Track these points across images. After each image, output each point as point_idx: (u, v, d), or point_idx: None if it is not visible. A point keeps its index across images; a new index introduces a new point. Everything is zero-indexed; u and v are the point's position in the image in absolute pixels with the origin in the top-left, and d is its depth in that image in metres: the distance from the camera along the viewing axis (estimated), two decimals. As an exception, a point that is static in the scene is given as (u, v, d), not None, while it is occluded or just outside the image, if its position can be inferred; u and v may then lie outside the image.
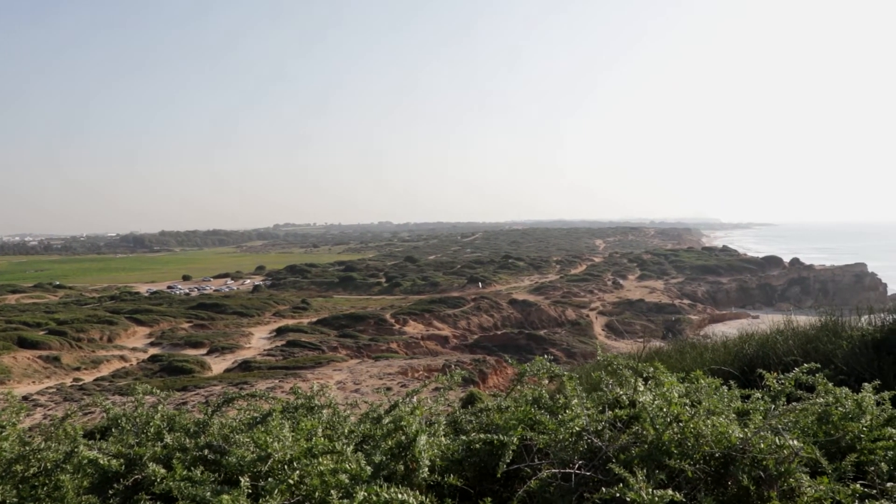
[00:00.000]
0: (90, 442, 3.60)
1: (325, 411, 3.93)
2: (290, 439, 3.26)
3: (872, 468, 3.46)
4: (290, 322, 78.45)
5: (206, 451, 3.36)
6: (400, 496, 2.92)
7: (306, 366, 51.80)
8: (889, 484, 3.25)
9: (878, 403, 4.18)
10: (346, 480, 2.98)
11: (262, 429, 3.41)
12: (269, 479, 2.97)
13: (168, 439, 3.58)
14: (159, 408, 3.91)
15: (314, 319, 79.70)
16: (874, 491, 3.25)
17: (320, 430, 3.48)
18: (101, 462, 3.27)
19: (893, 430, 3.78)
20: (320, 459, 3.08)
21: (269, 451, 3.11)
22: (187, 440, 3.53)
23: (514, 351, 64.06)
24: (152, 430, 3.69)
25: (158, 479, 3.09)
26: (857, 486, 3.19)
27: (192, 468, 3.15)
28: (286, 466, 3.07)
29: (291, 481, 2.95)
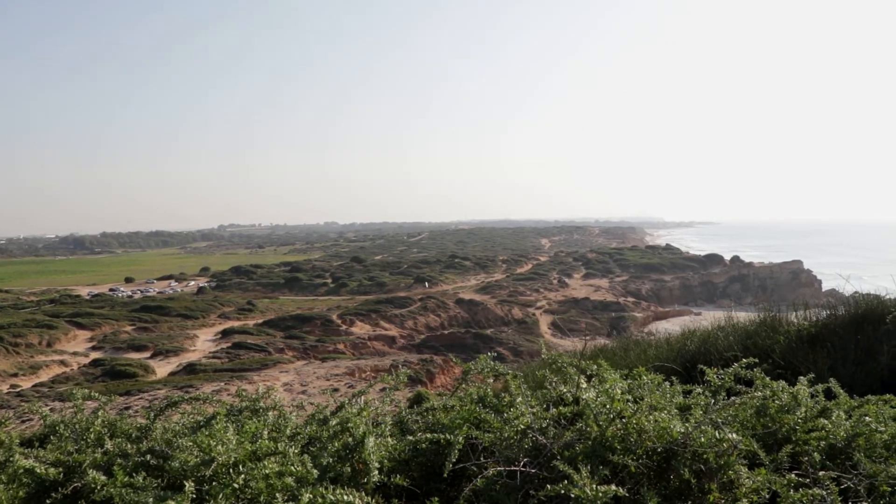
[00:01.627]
0: (27, 450, 3.49)
1: (270, 413, 3.89)
2: (234, 442, 3.21)
3: (806, 458, 3.56)
4: (236, 324, 77.50)
5: (148, 457, 3.27)
6: (346, 498, 2.91)
7: (252, 368, 51.24)
8: (821, 473, 3.35)
9: (812, 396, 4.30)
10: (292, 483, 2.95)
11: (206, 432, 3.35)
12: (214, 484, 2.93)
13: (109, 445, 3.50)
14: (100, 413, 3.81)
15: (260, 321, 78.84)
16: (808, 480, 3.34)
17: (266, 433, 3.45)
18: (38, 471, 3.17)
19: (826, 422, 3.90)
20: (265, 462, 3.04)
21: (213, 454, 3.05)
22: (129, 446, 3.45)
23: (462, 350, 64.20)
24: (92, 436, 3.59)
25: (99, 487, 3.00)
26: (793, 475, 3.28)
27: (135, 474, 3.07)
28: (231, 470, 3.02)
29: (236, 485, 2.91)
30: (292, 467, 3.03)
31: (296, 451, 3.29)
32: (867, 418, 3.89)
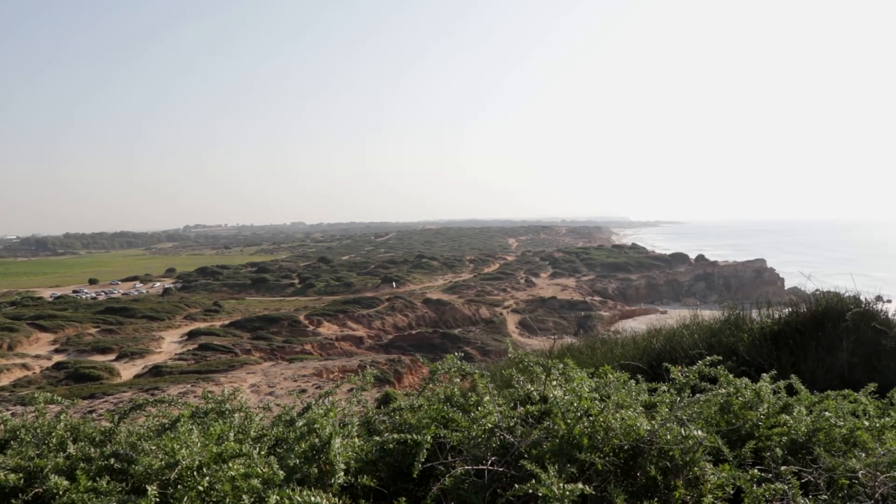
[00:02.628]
0: None
1: (236, 415, 3.86)
2: (199, 445, 3.18)
3: (769, 454, 3.62)
4: (202, 325, 76.82)
5: (112, 461, 3.20)
6: (313, 499, 2.89)
7: (219, 369, 50.84)
8: (783, 467, 3.40)
9: (774, 392, 4.37)
10: (258, 485, 2.92)
11: (171, 435, 3.31)
12: (179, 487, 2.90)
13: (72, 450, 3.42)
14: (62, 417, 3.75)
15: (227, 322, 78.24)
16: (770, 475, 3.39)
17: (231, 435, 3.42)
18: None
19: (788, 417, 3.96)
20: (231, 464, 3.01)
21: (178, 457, 3.01)
22: (92, 450, 3.39)
23: (430, 350, 64.20)
24: (55, 440, 3.52)
25: (61, 492, 2.93)
26: (756, 471, 3.33)
27: (98, 479, 3.01)
28: (195, 473, 2.98)
29: (201, 488, 2.87)
30: (258, 469, 3.00)
31: (262, 452, 3.27)
32: (827, 413, 3.95)
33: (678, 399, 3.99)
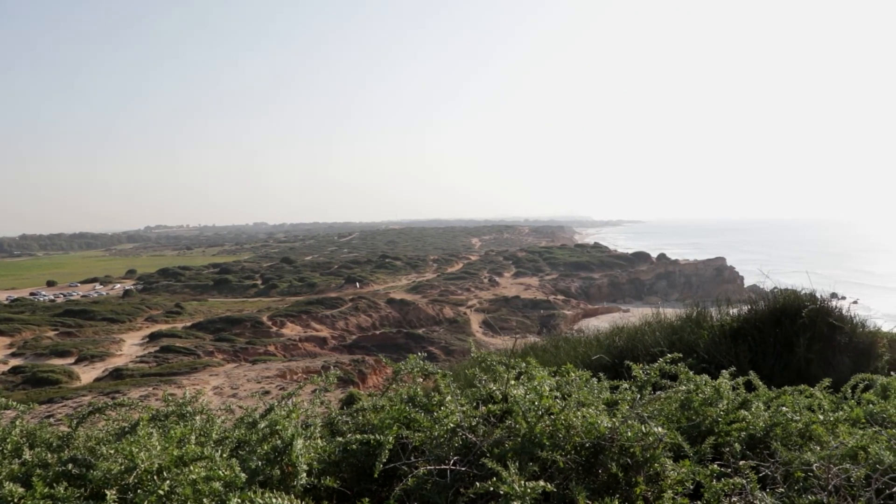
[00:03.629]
0: None
1: (197, 418, 3.82)
2: (159, 448, 3.14)
3: (728, 449, 3.67)
4: (164, 327, 75.97)
5: (69, 466, 3.12)
6: (275, 501, 2.87)
7: (181, 372, 50.34)
8: (742, 462, 3.46)
9: (733, 388, 4.44)
10: (220, 488, 2.89)
11: (131, 439, 3.26)
12: (139, 491, 2.86)
13: (28, 455, 3.34)
14: (18, 422, 3.67)
15: (189, 324, 77.46)
16: (729, 470, 3.45)
17: (193, 438, 3.39)
18: None
19: (746, 413, 4.03)
20: (192, 467, 2.98)
21: (137, 461, 2.96)
22: (49, 455, 3.32)
23: (394, 350, 64.16)
24: (10, 446, 3.42)
25: (16, 500, 2.86)
26: (715, 466, 3.38)
27: (55, 485, 2.94)
28: (155, 476, 2.94)
29: (161, 492, 2.83)
30: (220, 472, 2.97)
31: (224, 455, 3.24)
32: (784, 408, 4.03)
33: (639, 396, 4.04)
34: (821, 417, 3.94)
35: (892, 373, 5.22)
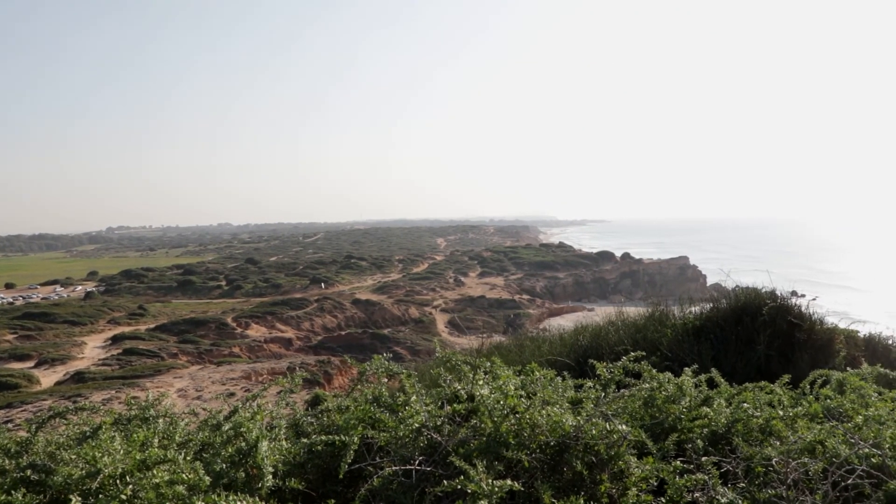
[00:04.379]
0: None
1: (161, 421, 3.78)
2: (121, 452, 3.10)
3: (690, 445, 3.72)
4: (127, 329, 74.94)
5: (28, 472, 3.07)
6: (239, 504, 2.86)
7: (145, 374, 49.71)
8: (704, 458, 3.51)
9: (696, 385, 4.49)
10: (184, 491, 2.87)
11: (93, 443, 3.22)
12: (100, 496, 2.82)
13: (-16, 462, 3.31)
14: (-26, 428, 3.62)
15: (152, 326, 76.49)
16: (692, 466, 3.49)
17: (156, 441, 3.35)
18: None
19: (708, 410, 4.08)
20: (155, 471, 2.95)
21: (99, 466, 2.92)
22: (7, 461, 3.27)
23: (359, 351, 63.97)
24: None
25: None
26: (678, 462, 3.42)
27: (13, 491, 2.88)
28: (118, 481, 2.90)
29: (124, 496, 2.80)
30: (183, 475, 2.95)
31: (188, 458, 3.22)
32: (745, 405, 4.09)
33: (603, 395, 4.07)
34: (780, 413, 4.02)
35: (848, 369, 5.32)
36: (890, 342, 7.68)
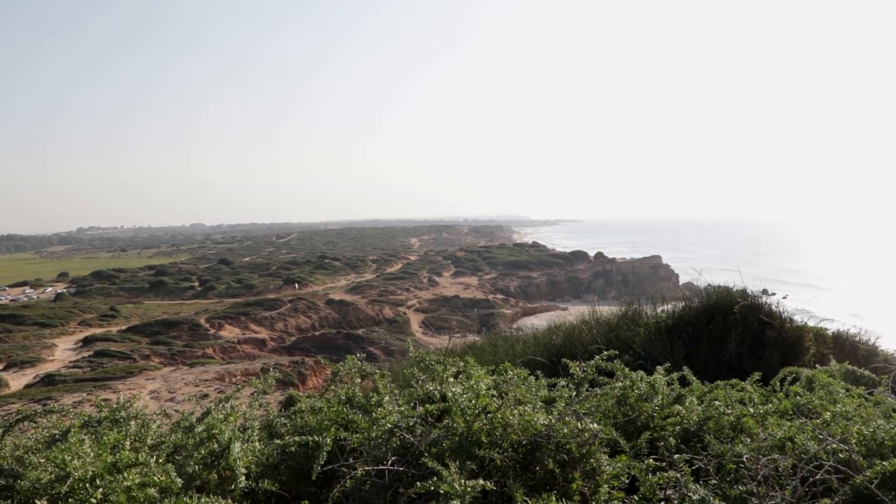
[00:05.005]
0: None
1: (132, 423, 3.75)
2: (91, 455, 3.06)
3: (663, 443, 3.75)
4: (98, 331, 74.21)
5: None
6: (212, 506, 2.84)
7: (117, 376, 49.31)
8: (676, 456, 3.54)
9: (668, 384, 4.53)
10: (155, 494, 2.84)
11: (62, 447, 3.17)
12: (70, 501, 2.78)
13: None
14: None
15: (124, 327, 75.84)
16: (664, 463, 3.52)
17: (127, 444, 3.32)
18: None
19: (681, 408, 4.12)
20: (126, 474, 2.91)
21: (69, 469, 2.87)
22: None
23: (333, 351, 63.81)
24: None
25: None
26: (650, 460, 3.44)
27: None
28: (88, 485, 2.86)
29: (94, 500, 2.76)
30: (155, 477, 2.92)
31: (160, 460, 3.19)
32: (716, 402, 4.14)
33: (576, 394, 4.09)
34: (751, 410, 4.06)
35: (817, 366, 5.38)
36: (857, 339, 7.78)
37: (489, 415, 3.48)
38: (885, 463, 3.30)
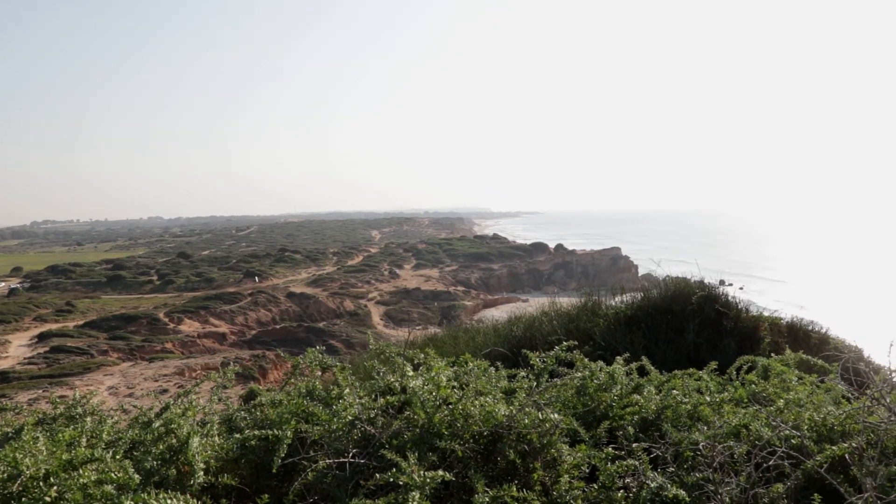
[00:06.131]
0: None
1: (88, 419, 3.69)
2: (45, 453, 3.01)
3: (622, 432, 3.80)
4: (54, 326, 72.85)
5: None
6: (170, 502, 2.81)
7: (74, 372, 48.49)
8: (635, 445, 3.58)
9: (627, 374, 4.58)
10: (112, 491, 2.80)
11: (14, 445, 3.11)
12: (23, 499, 2.73)
13: None
14: None
15: (81, 322, 74.52)
16: (623, 452, 3.57)
17: (83, 440, 3.28)
18: None
19: (639, 397, 4.17)
20: (82, 471, 2.86)
21: (21, 467, 2.80)
22: None
23: (295, 344, 63.43)
24: None
25: None
26: (610, 449, 3.48)
27: None
28: (42, 483, 2.80)
29: (49, 498, 2.70)
30: (112, 474, 2.88)
31: (117, 456, 3.15)
32: (674, 392, 4.20)
33: (536, 384, 4.12)
34: (708, 399, 4.13)
35: (772, 354, 5.48)
36: (810, 328, 7.94)
37: (450, 406, 3.49)
38: (834, 448, 3.39)
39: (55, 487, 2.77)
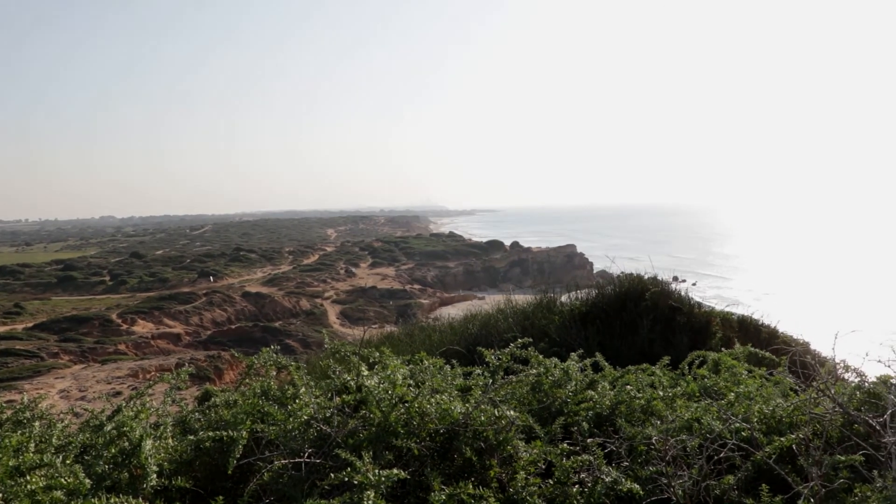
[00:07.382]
0: None
1: (37, 424, 3.63)
2: (-11, 460, 2.95)
3: (576, 428, 3.83)
4: (2, 329, 71.28)
5: None
6: (122, 506, 2.78)
7: (23, 376, 47.51)
8: (590, 440, 3.63)
9: (581, 370, 4.62)
10: (62, 496, 2.76)
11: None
12: (-32, 508, 2.69)
13: None
14: None
15: (30, 325, 73.03)
16: (578, 448, 3.60)
17: (32, 446, 3.22)
18: None
19: (593, 393, 4.21)
20: (30, 477, 2.81)
21: None
22: None
23: (251, 344, 62.89)
24: None
25: None
26: (565, 445, 3.52)
27: None
28: None
29: None
30: (62, 479, 2.83)
31: (67, 461, 3.09)
32: (628, 387, 4.25)
33: (491, 381, 4.14)
34: (661, 394, 4.18)
35: (723, 349, 5.57)
36: (760, 323, 8.09)
37: (406, 404, 3.50)
38: (782, 439, 3.48)
39: (1, 494, 2.72)
